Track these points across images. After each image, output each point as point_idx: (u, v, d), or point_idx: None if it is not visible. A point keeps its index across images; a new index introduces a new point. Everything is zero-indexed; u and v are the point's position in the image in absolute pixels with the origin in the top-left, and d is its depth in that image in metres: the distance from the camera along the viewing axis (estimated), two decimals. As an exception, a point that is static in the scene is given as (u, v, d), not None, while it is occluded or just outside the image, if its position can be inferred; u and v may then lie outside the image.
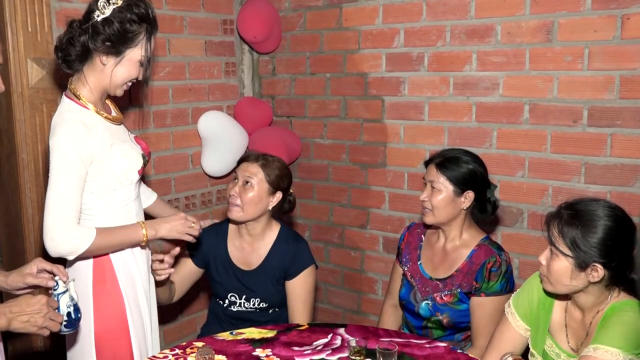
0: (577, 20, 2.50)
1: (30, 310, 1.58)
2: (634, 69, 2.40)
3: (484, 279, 2.14)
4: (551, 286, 1.74)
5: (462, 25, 2.81)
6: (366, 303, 3.36)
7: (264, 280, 2.34)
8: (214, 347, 1.90)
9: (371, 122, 3.20)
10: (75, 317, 1.69)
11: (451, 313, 2.20)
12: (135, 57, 1.94)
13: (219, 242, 2.40)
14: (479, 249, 2.20)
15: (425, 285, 2.28)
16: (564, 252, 1.67)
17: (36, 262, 1.75)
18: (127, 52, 1.92)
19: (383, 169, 3.18)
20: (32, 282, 1.72)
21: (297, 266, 2.33)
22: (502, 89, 2.73)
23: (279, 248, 2.36)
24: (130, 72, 1.96)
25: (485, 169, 2.26)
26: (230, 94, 3.53)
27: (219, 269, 2.38)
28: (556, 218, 1.72)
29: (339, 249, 3.42)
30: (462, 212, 2.22)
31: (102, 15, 1.87)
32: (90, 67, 1.95)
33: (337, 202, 3.38)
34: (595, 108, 2.51)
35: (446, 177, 2.19)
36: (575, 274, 1.67)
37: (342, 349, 1.94)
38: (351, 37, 3.19)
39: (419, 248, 2.37)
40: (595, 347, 1.63)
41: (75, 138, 1.86)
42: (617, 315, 1.66)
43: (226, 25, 3.45)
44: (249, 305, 2.35)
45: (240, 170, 2.33)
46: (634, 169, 2.45)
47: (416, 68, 2.98)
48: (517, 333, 1.89)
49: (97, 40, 1.88)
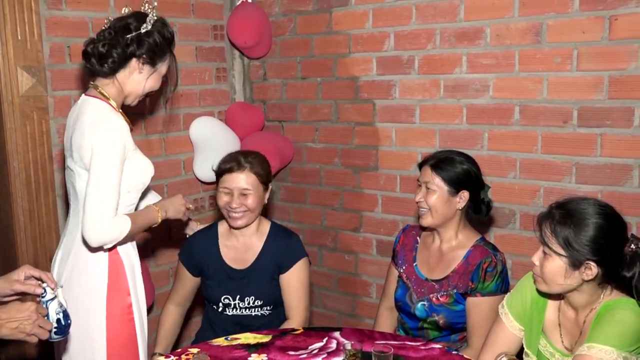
0: (565, 22, 2.52)
1: (19, 317, 1.57)
2: (623, 69, 2.42)
3: (480, 279, 2.15)
4: (546, 286, 1.75)
5: (451, 28, 2.82)
6: (361, 306, 3.36)
7: (258, 277, 2.35)
8: (209, 353, 1.90)
9: (363, 126, 3.20)
10: (65, 323, 1.68)
11: (447, 314, 2.20)
12: (162, 71, 2.14)
13: (210, 246, 2.40)
14: (474, 249, 2.21)
15: (420, 286, 2.28)
16: (557, 251, 1.68)
17: (24, 269, 1.72)
18: (159, 64, 2.11)
19: (375, 172, 3.19)
20: (20, 289, 1.70)
21: (290, 259, 2.35)
22: (492, 90, 2.75)
23: (271, 244, 2.37)
24: (156, 84, 2.14)
25: (479, 169, 2.27)
26: (221, 100, 3.53)
27: (212, 272, 2.38)
28: (548, 218, 1.73)
29: (332, 253, 3.42)
30: (458, 213, 2.23)
31: (146, 29, 2.04)
32: (125, 74, 2.06)
33: (330, 206, 3.39)
34: (584, 108, 2.52)
35: (441, 177, 2.20)
36: (569, 272, 1.68)
37: (338, 352, 1.94)
38: (342, 41, 3.20)
39: (414, 250, 2.38)
40: (589, 346, 1.63)
41: (119, 132, 1.98)
42: (610, 314, 1.67)
43: (216, 30, 3.45)
44: (244, 305, 2.34)
45: (232, 184, 2.29)
46: (624, 168, 2.47)
47: (407, 71, 2.99)
48: (511, 333, 1.89)
49: (142, 49, 2.04)
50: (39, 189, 2.69)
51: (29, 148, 2.64)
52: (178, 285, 2.48)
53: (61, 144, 2.78)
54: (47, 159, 2.71)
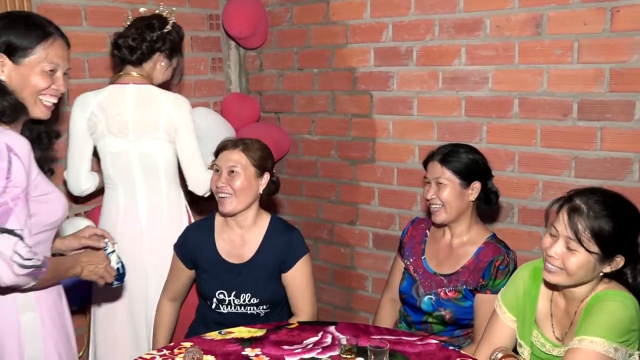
0: (566, 13, 2.49)
1: (95, 261, 1.91)
2: (624, 61, 2.39)
3: (492, 276, 2.13)
4: (567, 278, 1.68)
5: (450, 19, 2.78)
6: (356, 300, 3.34)
7: (256, 274, 2.26)
8: (203, 347, 1.87)
9: (360, 118, 3.17)
10: (122, 272, 2.02)
11: (454, 309, 2.18)
12: (174, 65, 2.61)
13: (206, 239, 2.33)
14: (486, 246, 2.18)
15: (428, 280, 2.26)
16: (588, 247, 1.63)
17: (88, 229, 2.08)
18: (173, 59, 2.58)
19: (372, 164, 3.16)
20: (87, 243, 2.03)
21: (292, 257, 2.27)
22: (491, 83, 2.72)
23: (271, 239, 2.29)
24: (169, 75, 2.61)
25: (485, 158, 2.25)
26: (217, 90, 3.49)
27: (207, 266, 2.31)
28: (575, 211, 1.66)
29: (328, 246, 3.40)
30: (470, 206, 2.21)
31: (167, 29, 2.50)
32: (149, 65, 2.51)
33: (326, 199, 3.36)
34: (585, 101, 2.50)
35: (451, 170, 2.17)
36: (597, 266, 1.66)
37: (333, 347, 1.91)
38: (339, 32, 3.16)
39: (423, 243, 2.35)
40: (580, 339, 1.63)
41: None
42: (599, 305, 1.67)
43: (212, 20, 3.40)
44: (239, 302, 2.26)
45: (222, 161, 2.26)
46: (624, 162, 2.44)
47: (405, 62, 2.95)
48: (505, 326, 1.89)
49: (165, 45, 2.50)
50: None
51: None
52: (172, 277, 2.42)
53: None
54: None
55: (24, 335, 1.74)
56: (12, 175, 1.61)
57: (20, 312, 1.74)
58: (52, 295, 1.83)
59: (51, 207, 1.76)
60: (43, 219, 1.74)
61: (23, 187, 1.63)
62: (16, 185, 1.61)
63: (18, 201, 1.61)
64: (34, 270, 1.62)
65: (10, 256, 1.57)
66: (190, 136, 2.52)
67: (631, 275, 1.72)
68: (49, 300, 1.81)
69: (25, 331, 1.74)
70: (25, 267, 1.59)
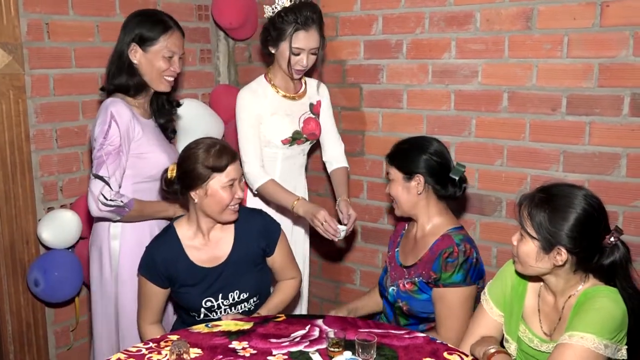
0: (556, 8, 2.49)
1: None
2: (613, 56, 2.39)
3: (441, 268, 2.09)
4: (521, 267, 1.77)
5: (441, 12, 2.77)
6: (344, 293, 3.33)
7: (238, 269, 2.21)
8: (189, 340, 1.85)
9: (349, 110, 3.16)
10: None
11: (410, 301, 2.17)
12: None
13: (175, 252, 2.19)
14: (442, 238, 2.15)
15: (394, 271, 2.28)
16: (531, 234, 1.70)
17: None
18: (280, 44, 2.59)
19: (361, 157, 3.15)
20: None
21: (273, 238, 2.26)
22: (481, 76, 2.71)
23: (244, 230, 2.23)
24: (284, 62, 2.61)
25: (437, 150, 2.17)
26: (205, 82, 3.46)
27: (185, 279, 2.19)
28: (527, 200, 1.73)
29: (316, 239, 3.38)
30: (422, 197, 2.17)
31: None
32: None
33: (314, 192, 3.34)
34: (574, 96, 2.50)
35: (394, 165, 2.20)
36: (541, 256, 1.69)
37: (321, 340, 1.90)
38: (329, 24, 3.13)
39: (400, 236, 2.37)
40: (570, 335, 1.63)
41: (246, 101, 2.62)
42: (590, 302, 1.67)
43: (201, 11, 3.37)
44: (228, 303, 2.19)
45: (234, 174, 2.12)
46: (612, 157, 2.45)
47: (395, 55, 2.94)
48: (491, 319, 1.89)
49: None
50: (15, 170, 2.62)
51: (5, 128, 2.56)
52: (146, 302, 2.23)
53: (40, 125, 2.71)
54: (24, 139, 2.64)
55: (111, 255, 2.35)
56: (108, 135, 2.16)
57: (111, 238, 2.33)
58: (136, 232, 2.33)
59: (149, 162, 2.29)
60: (143, 171, 2.29)
61: (116, 146, 2.17)
62: (110, 144, 2.16)
63: (109, 156, 2.16)
64: (116, 209, 2.18)
65: (97, 196, 2.15)
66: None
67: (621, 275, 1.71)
68: (133, 235, 2.33)
69: (113, 253, 2.34)
70: (107, 205, 2.16)
